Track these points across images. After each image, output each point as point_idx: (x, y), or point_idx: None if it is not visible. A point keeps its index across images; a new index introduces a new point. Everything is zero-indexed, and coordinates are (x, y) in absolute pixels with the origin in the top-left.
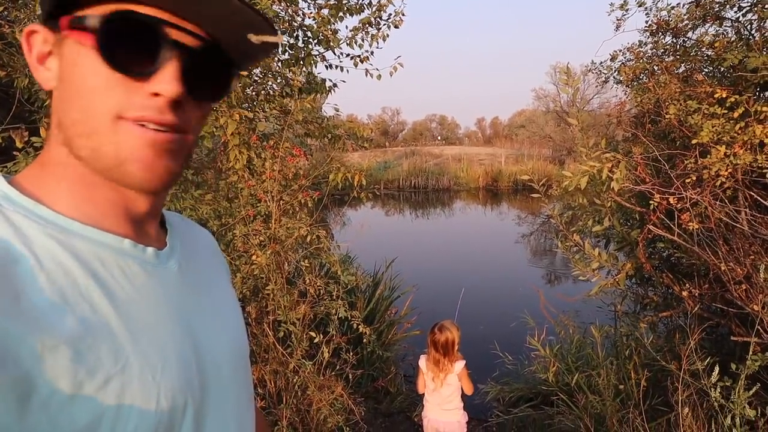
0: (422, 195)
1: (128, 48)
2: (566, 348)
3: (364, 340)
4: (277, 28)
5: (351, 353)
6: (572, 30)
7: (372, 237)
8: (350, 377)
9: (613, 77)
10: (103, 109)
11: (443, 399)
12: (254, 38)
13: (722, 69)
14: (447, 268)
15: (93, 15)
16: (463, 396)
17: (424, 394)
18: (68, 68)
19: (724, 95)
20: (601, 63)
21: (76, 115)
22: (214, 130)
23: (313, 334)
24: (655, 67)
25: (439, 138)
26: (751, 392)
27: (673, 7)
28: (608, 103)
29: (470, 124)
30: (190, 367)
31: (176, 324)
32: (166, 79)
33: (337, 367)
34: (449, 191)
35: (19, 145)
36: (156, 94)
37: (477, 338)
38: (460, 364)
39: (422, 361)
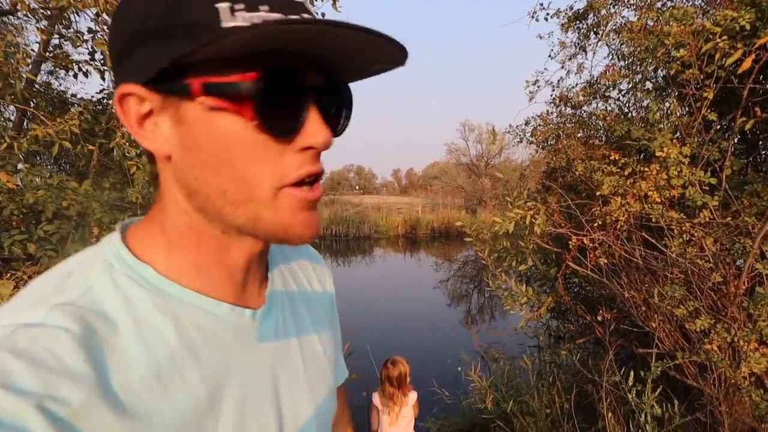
0: (343, 243)
1: (277, 108)
2: (498, 378)
3: None
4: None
5: None
6: (479, 91)
7: None
8: None
9: (527, 139)
10: (262, 178)
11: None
12: (375, 67)
13: (613, 136)
14: (375, 314)
15: (244, 82)
16: (416, 427)
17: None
18: (202, 136)
19: (617, 157)
20: (517, 126)
21: (226, 185)
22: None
23: None
24: (561, 133)
25: (357, 188)
26: (657, 392)
27: (573, 87)
28: (509, 160)
29: (387, 174)
30: None
31: (266, 399)
32: (316, 131)
33: None
34: (370, 239)
35: None
36: (307, 148)
37: (413, 377)
38: (413, 396)
39: (376, 398)
